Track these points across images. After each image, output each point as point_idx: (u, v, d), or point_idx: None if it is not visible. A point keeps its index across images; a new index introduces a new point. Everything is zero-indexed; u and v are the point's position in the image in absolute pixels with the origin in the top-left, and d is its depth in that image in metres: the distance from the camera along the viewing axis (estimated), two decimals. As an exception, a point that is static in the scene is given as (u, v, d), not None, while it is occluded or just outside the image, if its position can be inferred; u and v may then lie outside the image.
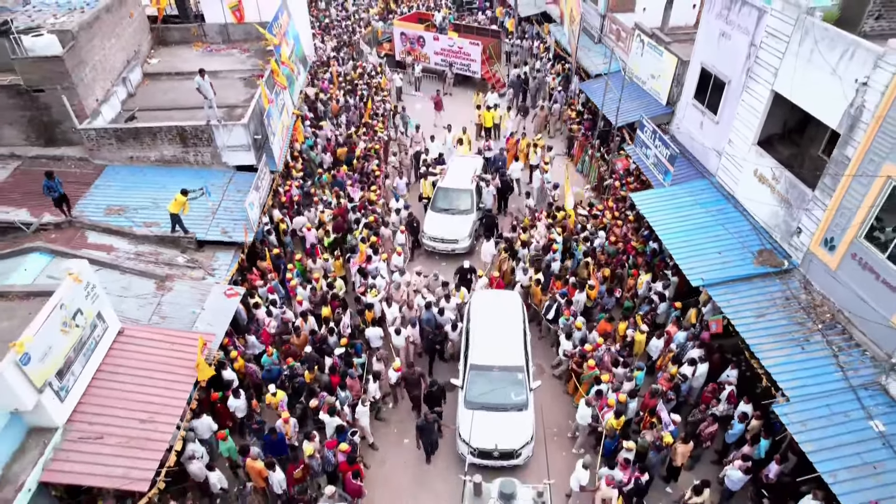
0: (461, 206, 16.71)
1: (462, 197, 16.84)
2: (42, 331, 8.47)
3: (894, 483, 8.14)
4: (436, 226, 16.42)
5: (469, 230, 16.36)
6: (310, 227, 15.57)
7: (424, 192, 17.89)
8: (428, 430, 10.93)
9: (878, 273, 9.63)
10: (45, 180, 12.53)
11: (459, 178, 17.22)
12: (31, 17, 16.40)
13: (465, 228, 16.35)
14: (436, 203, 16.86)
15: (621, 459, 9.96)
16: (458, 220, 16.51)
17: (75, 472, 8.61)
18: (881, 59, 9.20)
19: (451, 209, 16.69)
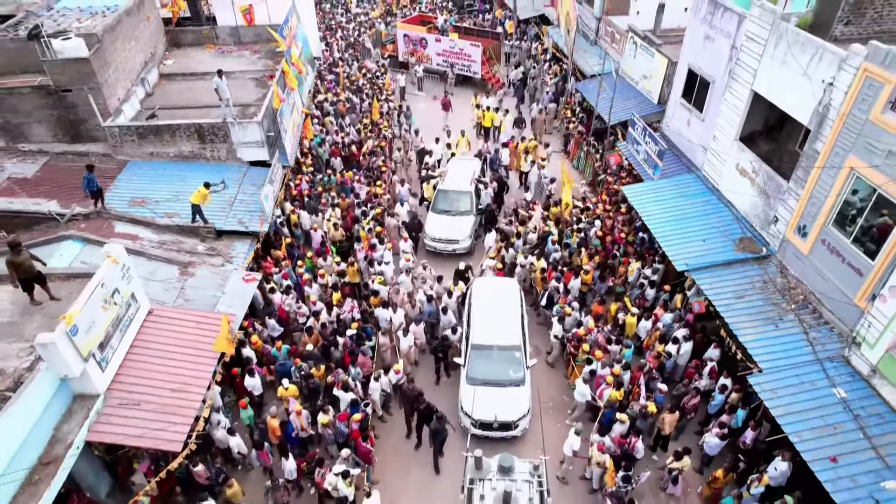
0: (461, 208, 17.34)
1: (462, 199, 17.46)
2: (87, 306, 9.40)
3: (851, 441, 9.06)
4: (437, 227, 17.04)
5: (469, 231, 16.99)
6: (316, 228, 16.38)
7: (426, 195, 18.66)
8: (439, 430, 11.39)
9: (844, 256, 10.56)
10: (86, 173, 13.45)
11: (459, 180, 17.87)
12: (57, 21, 17.34)
13: (465, 229, 16.98)
14: (436, 205, 17.49)
15: (617, 435, 10.86)
16: (458, 220, 17.12)
17: (116, 434, 9.54)
18: (844, 62, 10.13)
19: (451, 210, 17.31)
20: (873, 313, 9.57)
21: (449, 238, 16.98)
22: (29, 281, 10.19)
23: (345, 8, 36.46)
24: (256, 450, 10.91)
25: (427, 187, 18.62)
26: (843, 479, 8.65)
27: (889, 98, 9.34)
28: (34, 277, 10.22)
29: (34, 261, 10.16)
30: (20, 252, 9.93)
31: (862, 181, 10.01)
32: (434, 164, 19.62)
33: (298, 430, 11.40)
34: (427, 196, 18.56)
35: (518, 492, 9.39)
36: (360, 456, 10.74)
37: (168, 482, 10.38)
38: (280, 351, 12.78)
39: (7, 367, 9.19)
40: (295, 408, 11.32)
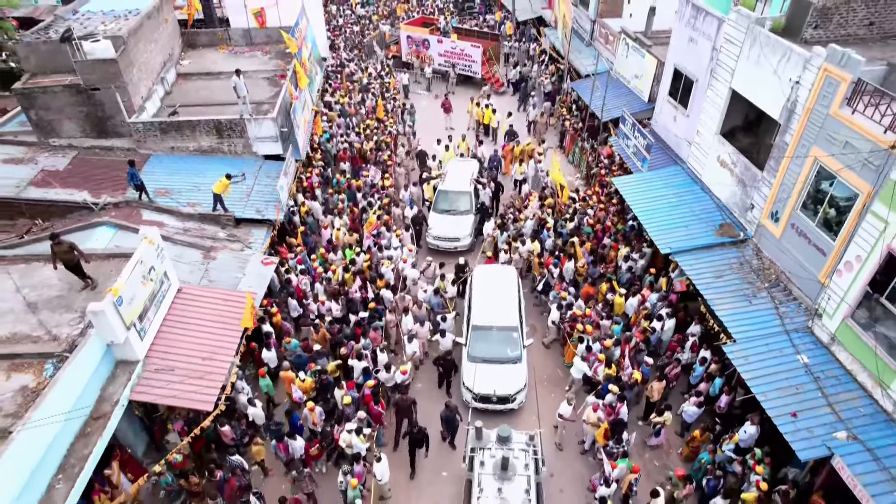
0: (461, 207, 18.13)
1: (461, 198, 18.27)
2: (129, 281, 10.53)
3: (810, 399, 10.16)
4: (438, 225, 17.82)
5: (470, 229, 17.79)
6: (326, 226, 17.38)
7: (426, 195, 19.50)
8: (450, 417, 12.18)
9: (810, 238, 11.68)
10: (129, 168, 14.56)
11: (458, 181, 18.70)
12: (83, 24, 18.45)
13: (465, 227, 17.78)
14: (437, 205, 18.27)
15: (606, 404, 11.95)
16: (459, 219, 17.90)
17: (154, 394, 10.67)
18: (808, 62, 11.25)
19: (451, 210, 18.06)
20: (832, 287, 10.69)
21: (450, 236, 17.71)
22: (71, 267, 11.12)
23: (350, 10, 37.61)
24: (277, 441, 11.31)
25: (428, 188, 19.43)
26: (802, 431, 9.76)
27: (845, 94, 10.47)
28: (73, 266, 11.09)
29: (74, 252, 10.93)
30: (60, 243, 10.84)
31: (824, 169, 11.12)
32: (437, 165, 20.50)
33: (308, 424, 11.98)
34: (428, 196, 19.31)
35: (515, 459, 10.50)
36: (372, 417, 11.87)
37: (199, 441, 11.51)
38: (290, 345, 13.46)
39: (61, 333, 10.32)
40: (309, 404, 11.97)
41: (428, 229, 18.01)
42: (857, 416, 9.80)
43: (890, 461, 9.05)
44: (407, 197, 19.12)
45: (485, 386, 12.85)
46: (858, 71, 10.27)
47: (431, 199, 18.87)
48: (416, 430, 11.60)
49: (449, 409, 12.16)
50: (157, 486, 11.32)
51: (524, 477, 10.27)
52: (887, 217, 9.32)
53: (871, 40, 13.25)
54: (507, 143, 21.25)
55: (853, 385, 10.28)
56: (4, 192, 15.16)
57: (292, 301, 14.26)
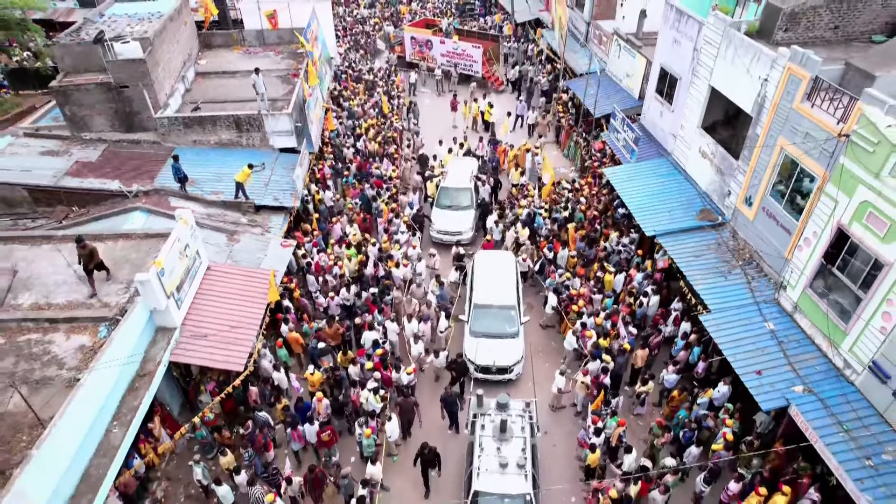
0: (462, 203, 19.17)
1: (462, 195, 19.31)
2: (168, 256, 11.85)
3: (773, 360, 11.46)
4: (441, 220, 18.87)
5: (471, 223, 18.90)
6: (338, 220, 18.61)
7: (429, 192, 20.61)
8: (451, 402, 13.00)
9: (778, 219, 12.99)
10: (174, 163, 15.84)
11: (459, 178, 19.79)
12: (110, 26, 19.77)
13: (467, 222, 18.86)
14: (440, 201, 19.29)
15: (595, 372, 13.25)
16: (460, 214, 18.97)
17: (191, 356, 12.00)
18: (775, 62, 12.56)
19: (453, 206, 19.08)
20: (794, 261, 12.02)
21: (453, 230, 18.81)
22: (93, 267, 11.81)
23: (356, 9, 38.98)
24: (291, 429, 12.12)
25: (430, 185, 20.54)
26: (765, 386, 11.08)
27: (805, 90, 11.78)
28: (97, 265, 11.88)
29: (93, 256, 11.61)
30: (84, 247, 11.55)
31: (788, 156, 12.44)
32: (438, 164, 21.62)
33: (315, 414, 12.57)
34: (430, 193, 20.39)
35: (512, 423, 11.80)
36: (384, 382, 13.19)
37: (228, 401, 12.82)
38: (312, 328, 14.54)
39: (110, 301, 11.64)
40: (317, 395, 12.69)
41: (431, 224, 19.12)
42: (813, 373, 11.11)
43: (837, 409, 10.35)
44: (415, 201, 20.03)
45: (485, 358, 14.14)
46: (816, 70, 11.57)
47: (434, 195, 19.93)
48: (426, 451, 11.73)
49: (450, 394, 12.98)
50: (192, 440, 12.65)
51: (521, 439, 11.52)
52: (837, 196, 10.64)
53: (836, 42, 14.57)
54: (498, 147, 22.36)
55: (811, 347, 11.60)
56: (44, 181, 16.46)
57: (310, 277, 15.57)
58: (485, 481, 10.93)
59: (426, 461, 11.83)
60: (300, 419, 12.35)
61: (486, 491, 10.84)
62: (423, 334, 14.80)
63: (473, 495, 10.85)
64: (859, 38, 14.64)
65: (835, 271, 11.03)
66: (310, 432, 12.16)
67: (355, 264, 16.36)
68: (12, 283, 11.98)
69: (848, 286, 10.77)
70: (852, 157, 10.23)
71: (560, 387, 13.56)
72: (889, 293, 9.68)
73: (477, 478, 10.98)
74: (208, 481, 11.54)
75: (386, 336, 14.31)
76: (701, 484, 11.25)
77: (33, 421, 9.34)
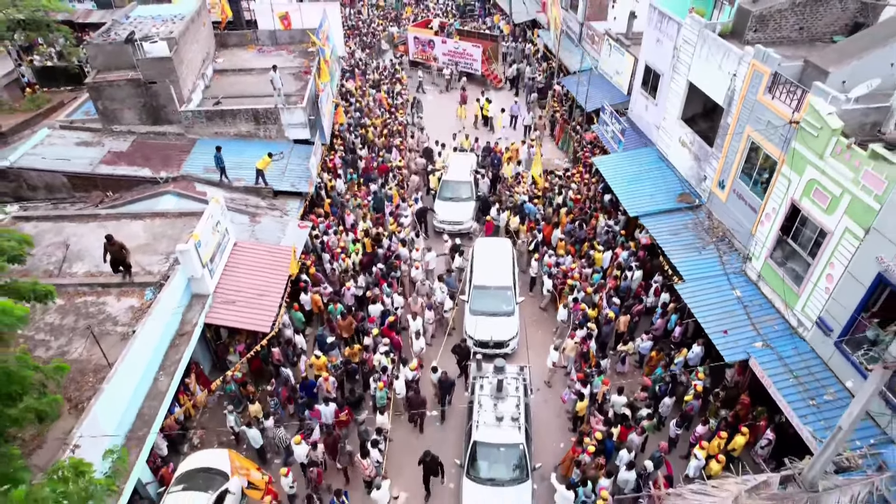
0: (463, 195, 20.52)
1: (463, 187, 20.65)
2: (203, 230, 13.40)
3: (739, 321, 13.00)
4: (443, 211, 20.21)
5: (471, 214, 20.28)
6: (349, 212, 20.08)
7: (432, 185, 22.03)
8: (447, 385, 13.99)
9: (746, 200, 14.54)
10: (216, 153, 17.35)
11: (460, 172, 21.21)
12: (137, 27, 21.30)
13: (467, 212, 20.18)
14: (442, 193, 20.57)
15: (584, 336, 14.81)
16: (461, 206, 20.29)
17: (223, 319, 13.56)
18: (742, 59, 14.11)
19: (454, 197, 20.39)
20: (758, 235, 13.57)
21: (454, 220, 20.20)
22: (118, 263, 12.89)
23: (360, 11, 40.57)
24: (309, 410, 13.26)
25: (433, 179, 22.00)
26: (730, 343, 12.62)
27: (767, 84, 13.32)
28: (122, 261, 12.99)
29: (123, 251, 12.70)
30: (114, 244, 12.68)
31: (754, 143, 13.98)
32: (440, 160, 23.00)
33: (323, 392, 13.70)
34: (433, 187, 21.82)
35: (508, 384, 13.32)
36: (393, 345, 14.75)
37: (255, 360, 14.37)
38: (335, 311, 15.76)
39: (153, 269, 13.20)
40: (323, 374, 13.76)
41: (434, 215, 20.55)
42: (771, 332, 12.66)
43: (790, 360, 11.89)
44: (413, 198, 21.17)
45: (484, 334, 15.59)
46: (776, 66, 13.12)
47: (436, 189, 21.29)
48: (429, 458, 12.12)
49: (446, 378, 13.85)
50: (223, 395, 14.21)
51: (515, 397, 13.01)
52: (790, 176, 12.19)
53: (801, 42, 16.09)
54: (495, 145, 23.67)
55: (772, 310, 13.16)
56: (81, 168, 18.02)
57: (326, 255, 17.14)
58: (483, 433, 12.41)
59: (429, 468, 12.28)
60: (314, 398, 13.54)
61: (484, 441, 12.33)
62: (430, 321, 16.01)
63: (473, 445, 12.33)
64: (822, 39, 16.16)
65: (790, 242, 12.58)
66: (327, 413, 13.14)
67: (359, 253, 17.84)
68: (66, 254, 13.53)
69: (800, 254, 12.32)
70: (802, 141, 11.78)
71: (554, 361, 15.06)
72: (831, 257, 11.23)
73: (476, 430, 12.46)
74: (239, 428, 13.10)
75: (395, 306, 15.85)
76: (674, 428, 12.81)
77: (96, 366, 10.90)
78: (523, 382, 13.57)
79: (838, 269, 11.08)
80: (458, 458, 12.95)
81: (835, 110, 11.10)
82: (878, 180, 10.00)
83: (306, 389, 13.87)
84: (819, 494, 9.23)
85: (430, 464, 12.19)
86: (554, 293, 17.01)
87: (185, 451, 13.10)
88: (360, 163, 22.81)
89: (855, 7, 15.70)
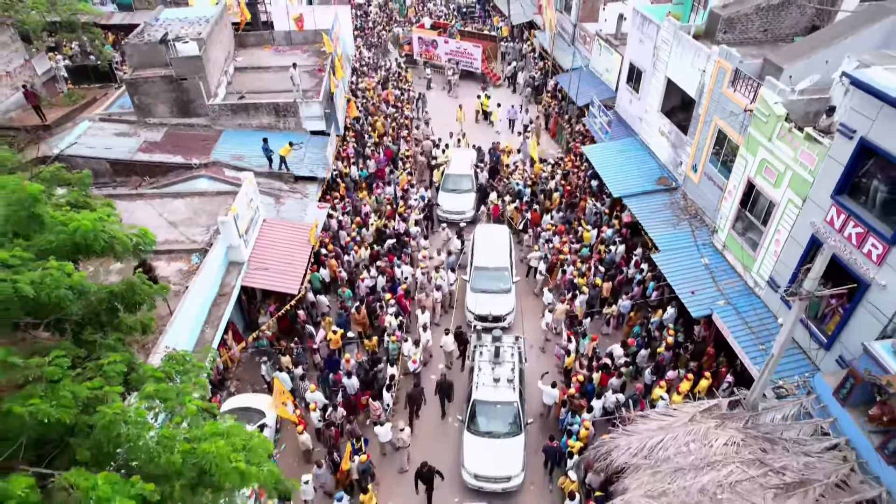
0: (464, 187, 22.33)
1: (464, 180, 22.45)
2: (240, 205, 15.40)
3: (705, 283, 15.02)
4: (446, 202, 22.07)
5: (472, 204, 22.16)
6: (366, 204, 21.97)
7: (435, 178, 23.91)
8: (446, 387, 14.92)
9: (714, 180, 16.55)
10: (263, 145, 19.37)
11: (461, 165, 23.12)
12: (166, 29, 23.30)
13: (468, 203, 22.04)
14: (445, 185, 22.41)
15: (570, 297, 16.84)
16: (463, 196, 22.12)
17: (257, 282, 15.58)
18: (709, 58, 16.13)
19: (456, 189, 22.25)
20: (722, 210, 15.59)
21: (457, 210, 22.11)
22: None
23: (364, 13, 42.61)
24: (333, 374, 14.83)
25: (437, 172, 23.90)
26: (697, 301, 14.63)
27: (729, 79, 15.33)
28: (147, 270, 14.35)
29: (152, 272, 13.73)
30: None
31: (721, 130, 15.99)
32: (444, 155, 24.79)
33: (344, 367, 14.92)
34: (436, 180, 23.69)
35: (504, 351, 15.21)
36: (401, 308, 16.78)
37: (282, 320, 16.38)
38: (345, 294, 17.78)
39: (197, 238, 15.21)
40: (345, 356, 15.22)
41: (438, 206, 22.41)
42: (732, 292, 14.67)
43: (747, 315, 13.89)
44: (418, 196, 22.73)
45: (483, 309, 17.45)
46: (737, 63, 15.13)
47: (440, 181, 23.19)
48: (426, 469, 12.75)
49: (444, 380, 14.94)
50: (255, 351, 16.22)
51: (510, 363, 14.82)
52: (746, 157, 14.20)
53: (766, 42, 18.09)
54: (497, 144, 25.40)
55: (734, 274, 15.17)
56: (121, 156, 20.02)
57: (342, 232, 19.18)
58: (482, 393, 14.18)
59: (426, 479, 12.88)
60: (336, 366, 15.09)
61: (482, 399, 14.07)
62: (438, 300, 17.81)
63: (473, 404, 14.08)
64: (785, 39, 18.16)
65: (748, 214, 14.60)
66: (350, 385, 14.48)
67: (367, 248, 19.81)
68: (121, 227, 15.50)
69: (755, 224, 14.34)
70: (755, 126, 13.79)
71: (548, 322, 17.06)
72: (778, 225, 13.25)
73: (476, 390, 14.23)
74: (271, 377, 15.09)
75: (404, 276, 17.89)
76: (649, 376, 14.82)
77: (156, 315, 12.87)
78: (518, 350, 15.47)
79: (783, 234, 13.09)
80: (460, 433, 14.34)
81: (781, 100, 13.11)
82: (812, 157, 12.01)
83: (331, 365, 15.43)
84: (758, 413, 11.27)
85: (427, 475, 12.77)
86: (546, 276, 18.96)
87: (223, 397, 15.09)
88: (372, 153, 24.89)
89: (812, 12, 17.73)
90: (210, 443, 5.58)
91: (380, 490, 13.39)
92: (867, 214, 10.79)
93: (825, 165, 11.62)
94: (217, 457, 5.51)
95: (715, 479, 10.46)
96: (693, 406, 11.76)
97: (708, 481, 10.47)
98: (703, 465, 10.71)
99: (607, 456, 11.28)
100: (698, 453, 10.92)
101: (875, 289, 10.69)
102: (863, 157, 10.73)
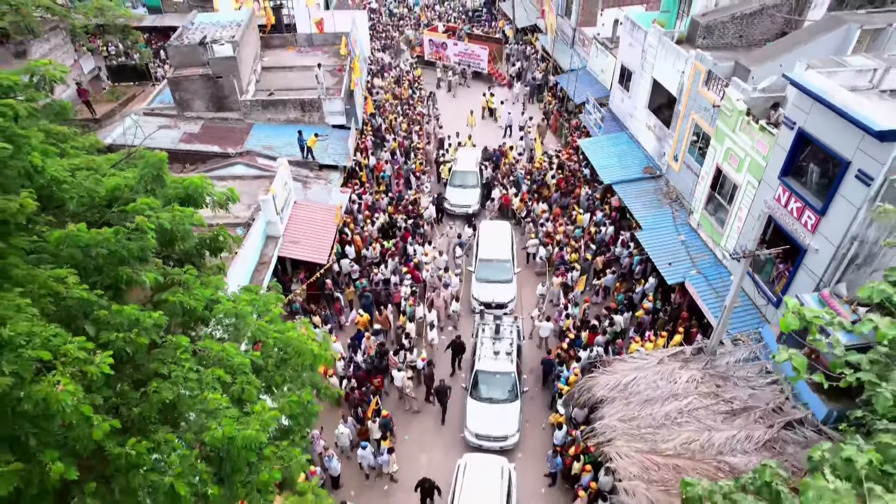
0: (469, 183, 24.25)
1: (470, 176, 24.40)
2: (277, 186, 17.79)
3: (681, 256, 17.27)
4: (454, 196, 24.04)
5: (478, 198, 24.03)
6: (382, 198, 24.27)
7: (443, 175, 26.10)
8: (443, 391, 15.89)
9: (692, 168, 18.80)
10: (298, 137, 21.79)
11: (467, 162, 25.21)
12: (202, 32, 25.73)
13: (474, 197, 24.00)
14: (452, 181, 24.33)
15: (563, 270, 19.16)
16: (469, 191, 24.01)
17: (291, 252, 17.97)
18: (687, 61, 18.39)
19: (463, 185, 24.17)
20: (696, 193, 17.85)
21: (463, 204, 24.20)
22: None
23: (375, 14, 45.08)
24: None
25: (444, 169, 26.04)
26: (672, 271, 16.90)
27: (704, 79, 17.58)
28: None
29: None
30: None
31: (697, 124, 18.25)
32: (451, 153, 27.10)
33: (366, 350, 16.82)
34: (444, 176, 25.78)
35: (504, 329, 17.33)
36: (413, 279, 19.14)
37: (312, 286, 18.75)
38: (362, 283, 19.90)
39: (240, 214, 17.61)
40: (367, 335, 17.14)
41: (446, 201, 24.51)
42: (703, 264, 16.93)
43: (715, 283, 16.15)
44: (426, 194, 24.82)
45: (487, 297, 19.51)
46: (710, 65, 17.37)
47: (447, 177, 25.29)
48: (427, 484, 13.51)
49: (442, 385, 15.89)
50: (288, 314, 18.58)
51: (509, 339, 16.83)
52: (715, 146, 16.47)
53: (741, 47, 20.29)
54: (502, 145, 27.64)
55: (706, 249, 17.43)
56: (166, 145, 22.40)
57: (359, 216, 21.58)
58: (483, 364, 16.16)
59: (426, 491, 13.63)
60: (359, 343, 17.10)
61: (483, 370, 16.05)
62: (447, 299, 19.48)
63: (475, 373, 16.08)
64: (758, 44, 20.33)
65: (717, 196, 16.86)
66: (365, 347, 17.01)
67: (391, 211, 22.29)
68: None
69: (723, 204, 16.60)
70: (722, 120, 16.05)
71: (542, 293, 19.38)
72: (740, 204, 15.50)
73: (478, 362, 16.24)
74: (303, 335, 17.45)
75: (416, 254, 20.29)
76: (631, 333, 17.11)
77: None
78: (516, 328, 17.66)
79: (744, 212, 15.34)
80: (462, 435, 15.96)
81: (743, 98, 15.36)
82: (765, 145, 14.27)
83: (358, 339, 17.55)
84: (716, 357, 13.55)
85: (428, 489, 13.53)
86: (545, 260, 21.22)
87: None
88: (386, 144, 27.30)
89: (782, 20, 19.94)
90: (293, 332, 8.00)
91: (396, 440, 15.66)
92: (804, 191, 13.05)
93: (774, 152, 13.88)
94: (298, 341, 7.90)
95: (677, 407, 12.77)
96: (662, 351, 14.05)
97: (671, 409, 12.77)
98: (668, 396, 13.02)
99: (590, 390, 13.58)
100: (665, 388, 13.22)
101: (811, 253, 12.94)
102: (801, 144, 12.98)
